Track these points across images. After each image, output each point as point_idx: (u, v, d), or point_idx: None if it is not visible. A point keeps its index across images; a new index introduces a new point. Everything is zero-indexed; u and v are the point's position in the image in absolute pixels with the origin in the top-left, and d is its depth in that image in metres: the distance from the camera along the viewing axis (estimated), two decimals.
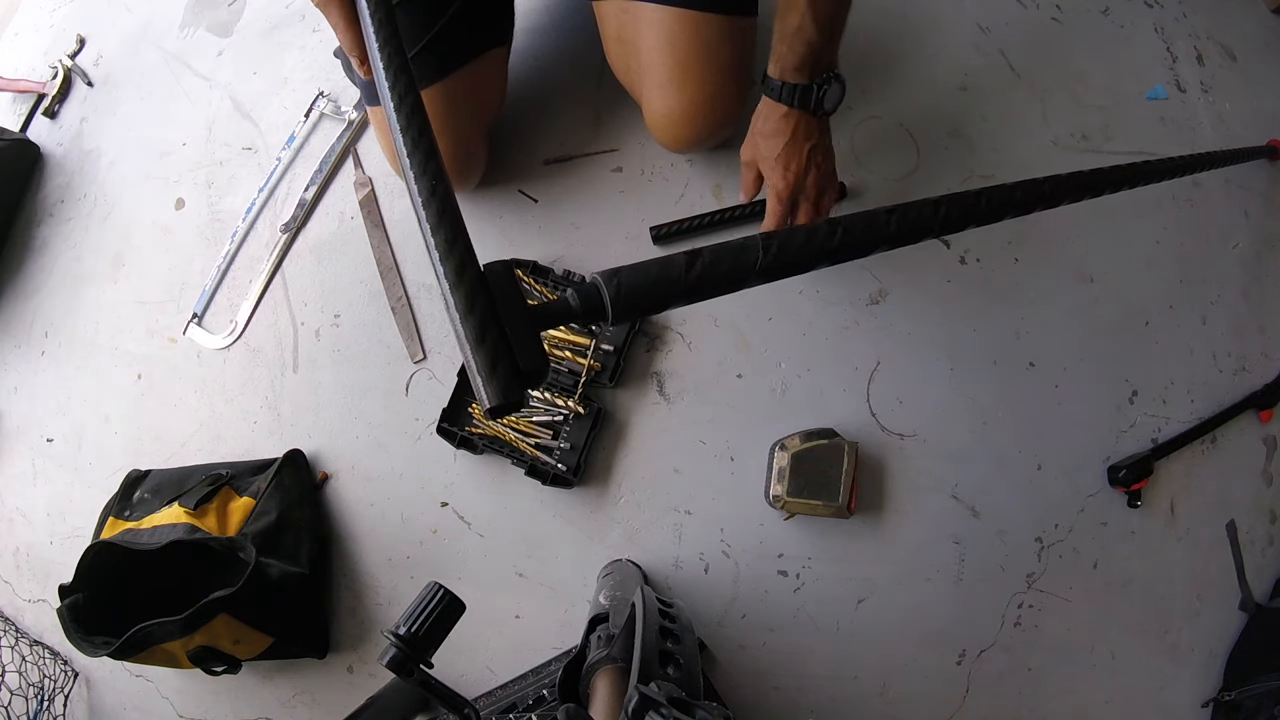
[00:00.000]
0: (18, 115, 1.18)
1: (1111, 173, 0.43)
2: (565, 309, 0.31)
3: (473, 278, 0.29)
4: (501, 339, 0.29)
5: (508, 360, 0.28)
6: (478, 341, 0.28)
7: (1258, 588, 0.90)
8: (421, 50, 0.76)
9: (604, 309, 0.31)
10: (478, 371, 0.28)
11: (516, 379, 0.28)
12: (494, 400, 0.28)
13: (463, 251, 0.30)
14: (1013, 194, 0.40)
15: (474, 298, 0.29)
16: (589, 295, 0.31)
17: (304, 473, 0.90)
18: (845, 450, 0.80)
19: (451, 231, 0.30)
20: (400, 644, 0.45)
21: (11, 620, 0.99)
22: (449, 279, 0.29)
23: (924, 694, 0.85)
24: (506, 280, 0.30)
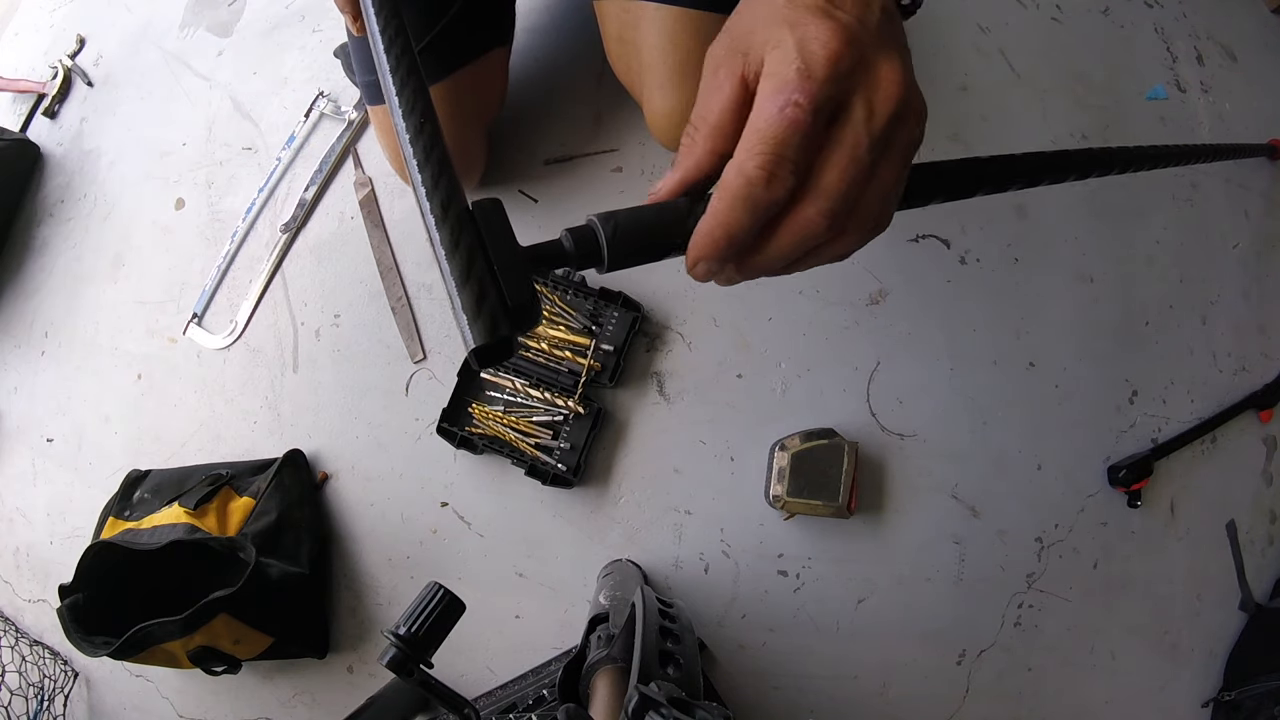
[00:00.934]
0: (18, 115, 1.18)
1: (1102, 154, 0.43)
2: (559, 250, 0.30)
3: (459, 212, 0.28)
4: (488, 274, 0.27)
5: (495, 296, 0.26)
6: (463, 277, 0.26)
7: (1258, 588, 0.90)
8: (422, 50, 0.75)
9: (599, 252, 0.30)
10: (462, 309, 0.26)
11: (505, 316, 0.26)
12: (480, 339, 0.25)
13: (449, 186, 0.28)
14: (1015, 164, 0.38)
15: (460, 232, 0.27)
16: (584, 237, 0.30)
17: (304, 473, 0.90)
18: (845, 450, 0.80)
19: (438, 167, 0.29)
20: (400, 644, 0.45)
21: (11, 620, 0.99)
22: (434, 214, 0.27)
23: (924, 694, 0.85)
24: (496, 216, 0.28)
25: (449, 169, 0.29)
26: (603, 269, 0.30)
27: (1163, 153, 0.54)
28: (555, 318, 0.87)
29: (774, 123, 0.26)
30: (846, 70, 0.27)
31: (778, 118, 0.26)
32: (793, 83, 0.26)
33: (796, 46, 0.27)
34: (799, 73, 0.26)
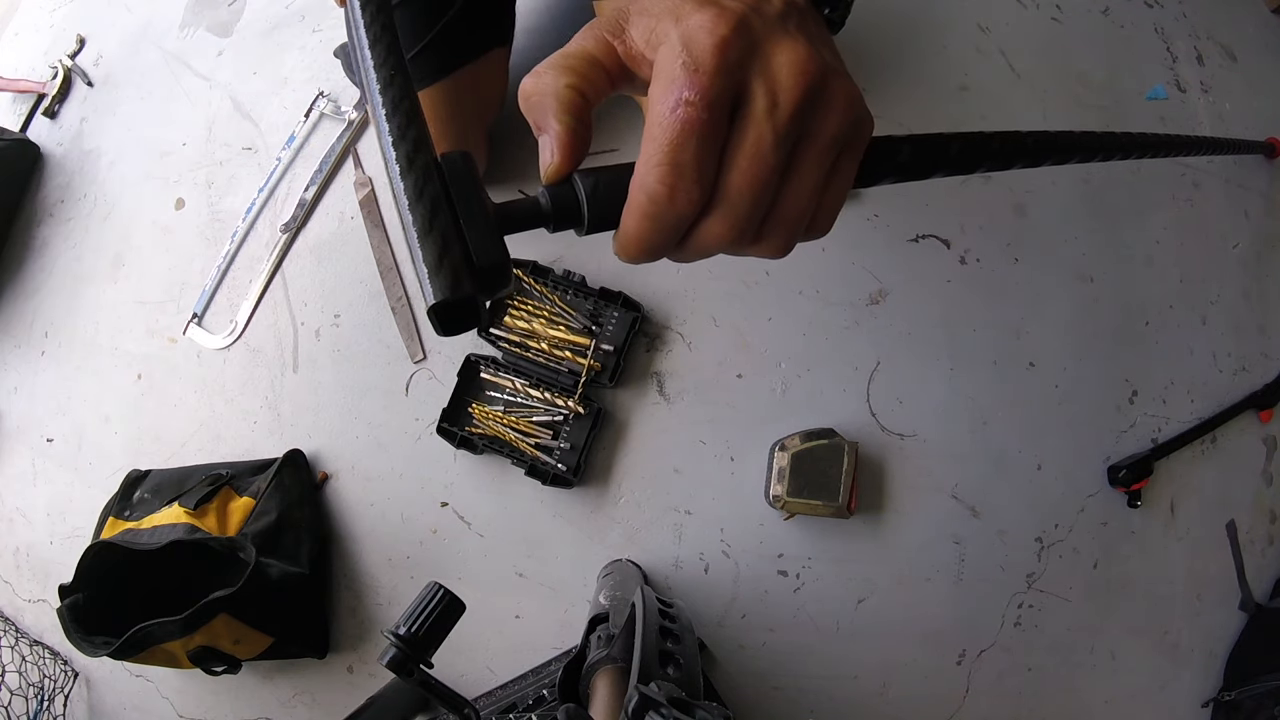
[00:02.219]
0: (18, 115, 1.18)
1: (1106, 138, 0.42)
2: (534, 209, 0.27)
3: (426, 163, 0.25)
4: (454, 228, 0.24)
5: (459, 251, 0.24)
6: (425, 229, 0.24)
7: (1258, 588, 0.90)
8: (423, 50, 0.75)
9: (579, 212, 0.27)
10: (423, 261, 0.23)
11: (469, 273, 0.24)
12: (440, 293, 0.23)
13: (417, 137, 0.26)
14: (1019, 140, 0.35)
15: (424, 183, 0.25)
16: (562, 194, 0.27)
17: (304, 473, 0.90)
18: (845, 450, 0.80)
19: (406, 118, 0.26)
20: (400, 644, 0.45)
21: (11, 620, 0.99)
22: (400, 164, 0.25)
23: (924, 694, 0.85)
24: (465, 170, 0.26)
25: (418, 120, 0.27)
26: (581, 230, 0.28)
27: (1156, 141, 0.54)
28: (555, 318, 0.87)
29: (667, 127, 0.24)
30: (738, 58, 0.25)
31: (670, 120, 0.24)
32: (680, 79, 0.24)
33: (681, 39, 0.25)
34: (685, 67, 0.24)
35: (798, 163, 0.26)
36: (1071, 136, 0.40)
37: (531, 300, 0.88)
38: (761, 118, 0.25)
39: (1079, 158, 0.41)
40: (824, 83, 0.26)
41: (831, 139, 0.27)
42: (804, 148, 0.26)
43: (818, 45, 0.27)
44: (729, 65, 0.25)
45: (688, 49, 0.25)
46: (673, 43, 0.25)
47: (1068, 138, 0.39)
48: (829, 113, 0.26)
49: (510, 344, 0.87)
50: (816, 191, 0.27)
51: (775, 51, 0.25)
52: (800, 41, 0.26)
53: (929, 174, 0.33)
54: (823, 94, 0.26)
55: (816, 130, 0.26)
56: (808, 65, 0.25)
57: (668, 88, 0.25)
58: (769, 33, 0.26)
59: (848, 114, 0.27)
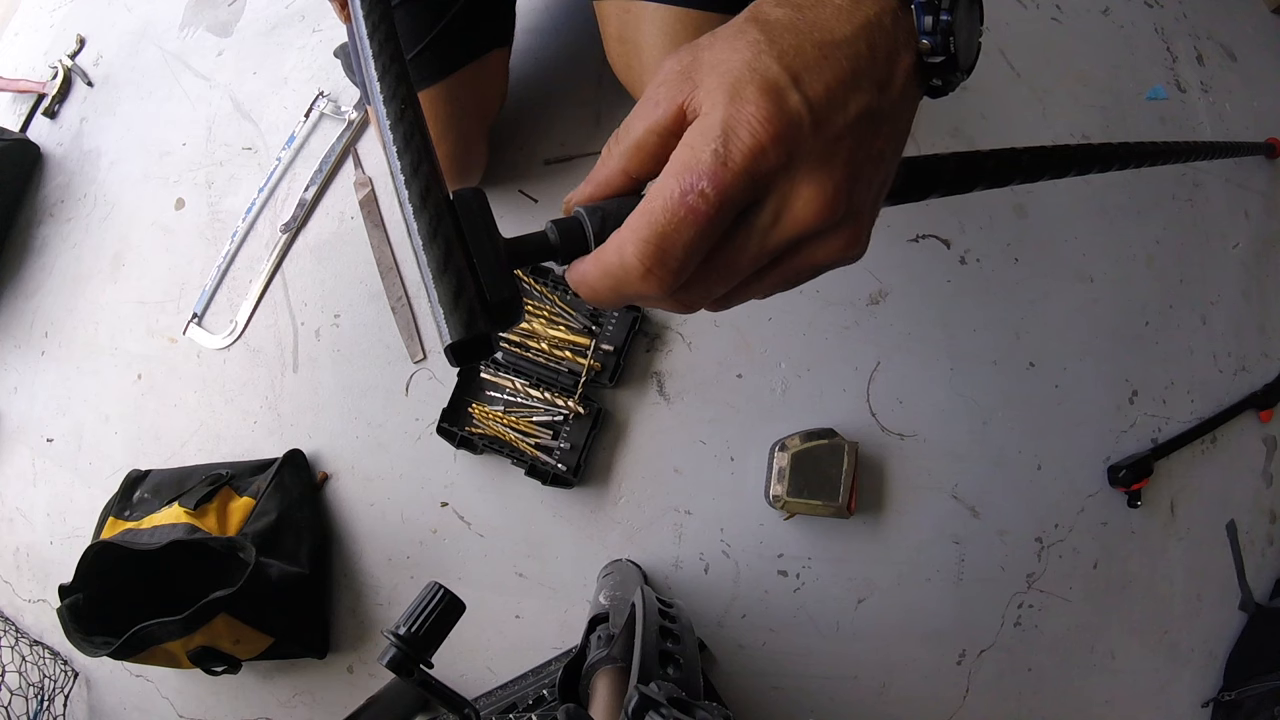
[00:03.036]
0: (18, 115, 1.18)
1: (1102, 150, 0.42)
2: (543, 243, 0.28)
3: (439, 201, 0.26)
4: (467, 267, 0.25)
5: (473, 290, 0.25)
6: (440, 269, 0.25)
7: (1258, 588, 0.90)
8: (423, 50, 0.75)
9: (586, 244, 0.28)
10: (439, 302, 0.24)
11: (483, 311, 0.25)
12: (456, 334, 0.24)
13: (429, 175, 0.27)
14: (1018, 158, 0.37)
15: (439, 222, 0.25)
16: (570, 229, 0.28)
17: (304, 473, 0.90)
18: (845, 450, 0.80)
19: (418, 155, 0.27)
20: (400, 644, 0.45)
21: (11, 620, 0.99)
22: (413, 203, 0.26)
23: (924, 694, 0.85)
24: (477, 207, 0.26)
25: (430, 156, 0.27)
26: None
27: (1160, 149, 0.54)
28: (555, 318, 0.87)
29: (672, 210, 0.23)
30: (770, 169, 0.23)
31: (678, 204, 0.23)
32: (704, 166, 0.23)
33: (723, 123, 0.23)
34: (715, 156, 0.23)
35: (764, 274, 0.27)
36: (1091, 149, 0.41)
37: (531, 300, 0.88)
38: (758, 236, 0.25)
39: (1099, 168, 0.42)
40: (834, 226, 0.25)
41: (808, 267, 0.27)
42: (776, 265, 0.26)
43: (859, 181, 0.25)
44: (757, 173, 0.23)
45: (725, 139, 0.23)
46: (713, 122, 0.23)
47: (1089, 150, 0.41)
48: (818, 250, 0.26)
49: (510, 344, 0.87)
50: (763, 293, 0.28)
51: (805, 179, 0.24)
52: (838, 176, 0.24)
53: (970, 188, 0.35)
54: (826, 234, 0.25)
55: (798, 257, 0.26)
56: (825, 211, 0.24)
57: (689, 167, 0.23)
58: (813, 152, 0.24)
59: (834, 257, 0.26)
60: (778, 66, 0.23)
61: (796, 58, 0.24)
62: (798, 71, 0.23)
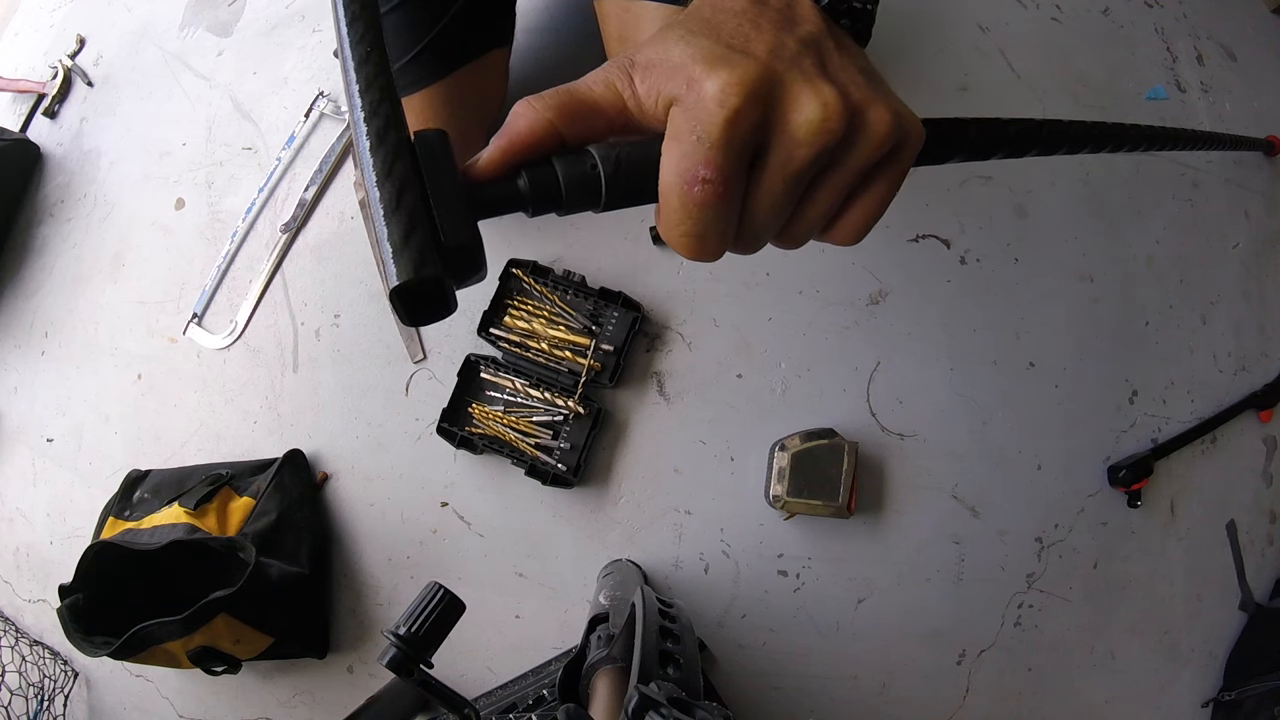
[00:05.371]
0: (18, 115, 1.18)
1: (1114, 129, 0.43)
2: (512, 192, 0.26)
3: (397, 140, 0.24)
4: (422, 207, 0.23)
5: (427, 230, 0.23)
6: (391, 207, 0.23)
7: (1258, 588, 0.90)
8: (423, 50, 0.75)
9: (598, 191, 0.26)
10: (388, 240, 0.22)
11: (435, 253, 0.22)
12: (403, 274, 0.22)
13: (389, 114, 0.25)
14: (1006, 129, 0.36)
15: (394, 160, 0.24)
16: (542, 177, 0.26)
17: (304, 473, 0.90)
18: (845, 450, 0.80)
19: (380, 94, 0.25)
20: (400, 644, 0.45)
21: (11, 620, 0.99)
22: (369, 139, 0.24)
23: (924, 694, 0.85)
24: (439, 148, 0.25)
25: (392, 98, 0.26)
26: (598, 209, 0.27)
27: (1169, 134, 0.54)
28: (555, 318, 0.87)
29: (688, 202, 0.25)
30: (753, 124, 0.24)
31: (690, 197, 0.24)
32: (696, 155, 0.24)
33: (694, 109, 0.24)
34: (700, 142, 0.24)
35: (812, 193, 0.27)
36: (1105, 127, 0.41)
37: (531, 300, 0.88)
38: (776, 170, 0.25)
39: (1110, 147, 0.42)
40: (850, 124, 0.25)
41: (856, 171, 0.27)
42: (822, 179, 0.27)
43: (842, 80, 0.26)
44: (743, 136, 0.24)
45: (700, 123, 0.24)
46: (684, 111, 0.24)
47: (1104, 128, 0.41)
48: (855, 149, 0.26)
49: (510, 344, 0.87)
50: (828, 215, 0.28)
51: (793, 110, 0.25)
52: (820, 88, 0.25)
53: (991, 154, 0.34)
54: (850, 134, 0.26)
55: (839, 162, 0.26)
56: (825, 121, 0.25)
57: (683, 160, 0.24)
58: (787, 84, 0.25)
59: (881, 143, 0.26)
60: (710, 42, 0.25)
61: (720, 31, 0.26)
62: (728, 39, 0.25)
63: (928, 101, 0.94)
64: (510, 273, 0.89)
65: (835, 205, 0.28)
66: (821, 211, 0.28)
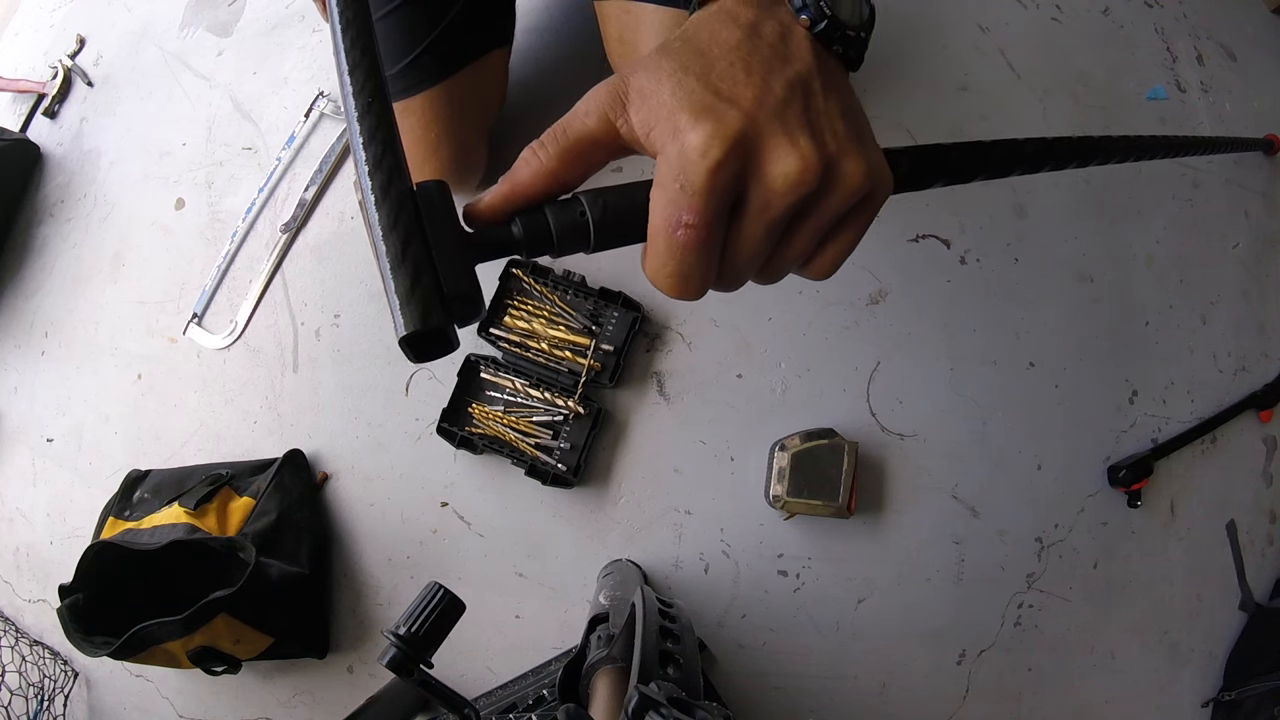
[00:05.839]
0: (18, 115, 1.18)
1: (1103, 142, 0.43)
2: (507, 238, 0.28)
3: (400, 192, 0.26)
4: (425, 258, 0.25)
5: (431, 281, 0.25)
6: (398, 260, 0.25)
7: (1258, 588, 0.90)
8: (423, 52, 0.75)
9: (587, 235, 0.28)
10: (395, 292, 0.24)
11: (439, 303, 0.24)
12: (411, 325, 0.24)
13: (392, 166, 0.27)
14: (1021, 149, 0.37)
15: (398, 212, 0.25)
16: (534, 223, 0.28)
17: (304, 473, 0.90)
18: (845, 450, 0.80)
19: (382, 146, 0.27)
20: (400, 644, 0.45)
21: (11, 620, 0.99)
22: (374, 193, 0.26)
23: (924, 694, 0.85)
24: (439, 199, 0.26)
25: (395, 149, 0.28)
26: (588, 250, 0.29)
27: (1161, 143, 0.54)
28: (555, 318, 0.87)
29: (673, 245, 0.27)
30: (733, 174, 0.26)
31: (673, 240, 0.26)
32: (679, 202, 0.26)
33: (677, 160, 0.26)
34: (683, 190, 0.26)
35: (790, 237, 0.29)
36: (1092, 141, 0.41)
37: (531, 300, 0.88)
38: (755, 217, 0.27)
39: (1099, 160, 0.42)
40: (826, 176, 0.27)
41: (830, 217, 0.28)
42: (798, 225, 0.28)
43: (822, 128, 0.27)
44: (723, 185, 0.26)
45: (684, 172, 0.25)
46: (669, 160, 0.26)
47: (1091, 142, 0.41)
48: (829, 199, 0.27)
49: (510, 344, 0.87)
50: (804, 257, 0.30)
51: (770, 163, 0.26)
52: (798, 141, 0.26)
53: (972, 177, 0.35)
54: (825, 185, 0.27)
55: (814, 211, 0.28)
56: (802, 175, 0.26)
57: (668, 206, 0.26)
58: (767, 136, 0.26)
59: (852, 193, 0.28)
60: (699, 86, 0.26)
61: (711, 72, 0.27)
62: (716, 84, 0.26)
63: (928, 101, 0.94)
64: (510, 273, 0.89)
65: (810, 248, 0.29)
66: (797, 254, 0.29)
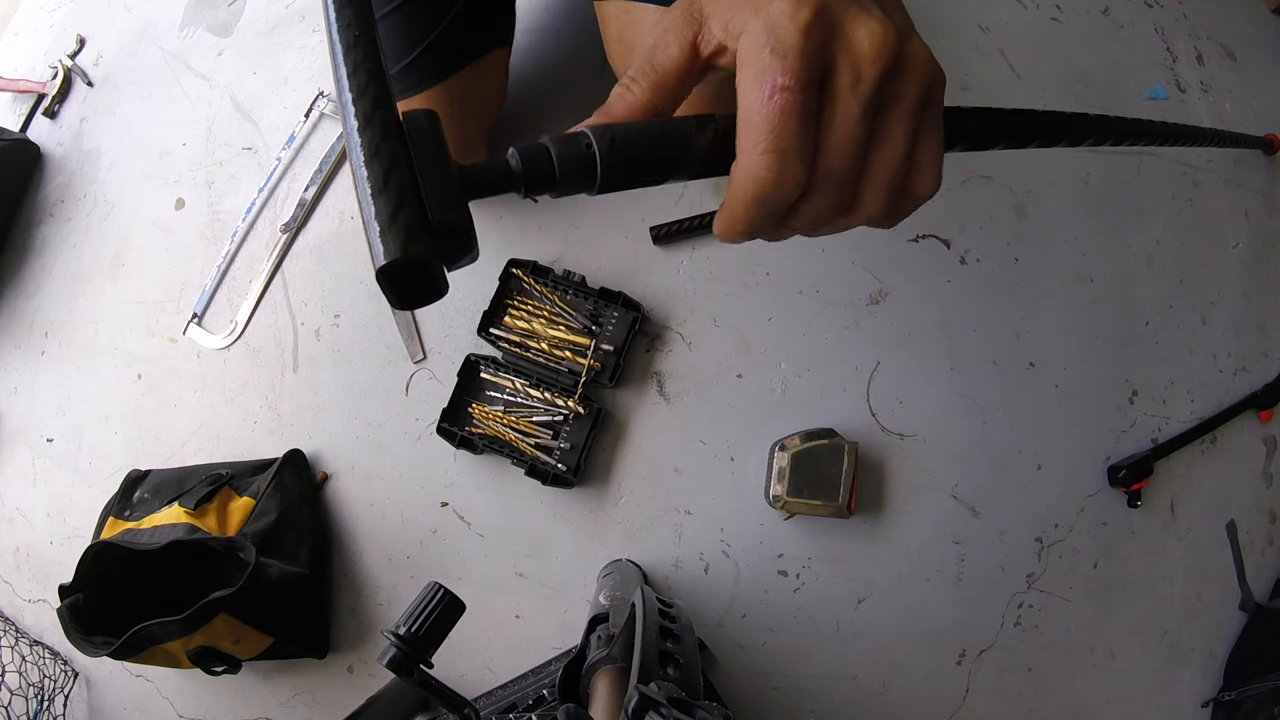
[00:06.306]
0: (18, 115, 1.18)
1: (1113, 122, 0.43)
2: (504, 171, 0.25)
3: (386, 119, 0.24)
4: (409, 186, 0.23)
5: (415, 209, 0.23)
6: (380, 186, 0.23)
7: (1258, 588, 0.90)
8: (423, 52, 0.75)
9: (593, 170, 0.26)
10: (375, 219, 0.22)
11: (424, 232, 0.22)
12: (390, 254, 0.22)
13: (378, 94, 0.25)
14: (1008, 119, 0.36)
15: (382, 139, 0.24)
16: (535, 156, 0.25)
17: (304, 473, 0.90)
18: (845, 450, 0.80)
19: (368, 77, 0.26)
20: (400, 644, 0.45)
21: (11, 620, 0.99)
22: (358, 120, 0.24)
23: (924, 694, 0.85)
24: (428, 128, 0.25)
25: (381, 80, 0.26)
26: (593, 190, 0.27)
27: (1159, 129, 0.54)
28: (555, 318, 0.87)
29: (766, 113, 0.25)
30: (821, 39, 0.26)
31: (768, 106, 0.25)
32: (772, 66, 0.25)
33: (765, 28, 0.25)
34: (774, 53, 0.25)
35: (883, 127, 0.27)
36: (1103, 120, 0.42)
37: (531, 300, 0.88)
38: (847, 92, 0.26)
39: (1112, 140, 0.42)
40: (901, 50, 0.27)
41: (914, 102, 0.27)
42: (887, 112, 0.27)
43: (890, 13, 0.27)
44: (815, 48, 0.25)
45: (774, 36, 0.25)
46: (756, 32, 0.26)
47: (1098, 121, 0.41)
48: (909, 76, 0.27)
49: (510, 344, 0.87)
50: (906, 152, 0.28)
51: (854, 29, 0.26)
52: (875, 15, 0.26)
53: (993, 144, 0.34)
54: (901, 61, 0.27)
55: (899, 94, 0.27)
56: (885, 38, 0.26)
57: (760, 76, 0.25)
58: (845, 10, 0.26)
59: (925, 75, 0.27)
60: None
61: None
62: None
63: None
64: (510, 273, 0.89)
65: (908, 140, 0.28)
66: (898, 146, 0.28)
